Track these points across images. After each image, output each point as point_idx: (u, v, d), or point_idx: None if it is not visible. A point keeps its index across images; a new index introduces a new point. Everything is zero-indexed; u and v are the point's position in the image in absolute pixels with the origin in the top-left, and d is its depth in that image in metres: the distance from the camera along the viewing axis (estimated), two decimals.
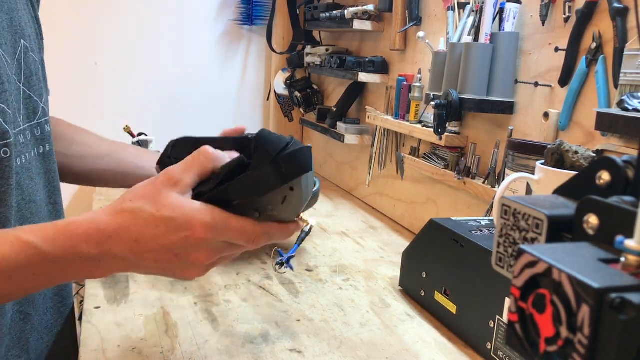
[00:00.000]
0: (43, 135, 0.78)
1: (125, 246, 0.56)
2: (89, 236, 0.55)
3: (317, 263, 1.03)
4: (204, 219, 0.56)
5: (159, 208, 0.56)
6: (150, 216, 0.55)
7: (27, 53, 0.74)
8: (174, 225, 0.55)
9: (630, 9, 0.77)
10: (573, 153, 0.69)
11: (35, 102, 0.76)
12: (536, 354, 0.31)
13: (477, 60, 0.98)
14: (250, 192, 0.57)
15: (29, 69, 0.74)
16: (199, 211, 0.56)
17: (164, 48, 1.89)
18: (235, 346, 0.72)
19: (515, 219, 0.38)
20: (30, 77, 0.75)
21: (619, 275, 0.29)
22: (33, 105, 0.76)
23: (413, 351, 0.73)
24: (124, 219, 0.56)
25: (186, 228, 0.55)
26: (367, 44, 1.54)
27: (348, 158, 1.65)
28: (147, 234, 0.55)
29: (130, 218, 0.56)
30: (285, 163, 0.57)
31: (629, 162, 0.34)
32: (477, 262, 0.73)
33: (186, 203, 0.56)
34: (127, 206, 0.56)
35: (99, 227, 0.55)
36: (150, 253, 0.56)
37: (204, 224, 0.56)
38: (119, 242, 0.55)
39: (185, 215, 0.55)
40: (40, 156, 0.77)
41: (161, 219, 0.55)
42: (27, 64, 0.74)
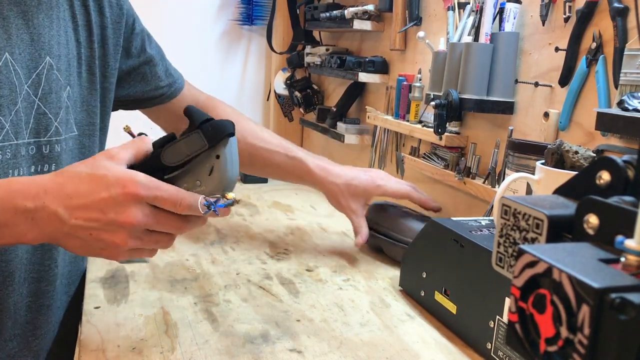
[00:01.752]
0: (52, 154, 0.77)
1: (59, 200, 0.58)
2: (27, 190, 0.58)
3: (317, 263, 1.03)
4: (135, 177, 0.59)
5: (93, 168, 0.60)
6: (85, 175, 0.60)
7: (50, 70, 0.75)
8: (106, 181, 0.59)
9: (630, 9, 0.77)
10: (573, 153, 0.69)
11: (49, 119, 0.75)
12: (536, 354, 0.31)
13: (477, 60, 0.98)
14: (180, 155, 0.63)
15: (49, 86, 0.75)
16: (131, 172, 0.60)
17: (164, 48, 1.89)
18: (235, 346, 0.72)
19: (515, 219, 0.38)
20: (49, 94, 0.75)
21: (619, 275, 0.29)
22: (46, 122, 0.75)
23: (413, 351, 0.73)
24: (61, 178, 0.60)
25: (117, 185, 0.59)
26: (367, 44, 1.54)
27: (348, 158, 1.65)
28: (80, 189, 0.59)
29: (67, 177, 0.60)
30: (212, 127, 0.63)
31: (629, 162, 0.34)
32: (477, 262, 0.73)
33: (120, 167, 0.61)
34: (65, 169, 0.61)
35: (36, 183, 0.59)
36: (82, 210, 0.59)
37: (135, 181, 0.59)
38: (53, 196, 0.58)
39: (118, 173, 0.59)
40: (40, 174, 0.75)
41: (94, 176, 0.59)
42: (49, 81, 0.74)
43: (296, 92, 1.79)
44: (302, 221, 1.31)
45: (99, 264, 0.97)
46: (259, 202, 1.45)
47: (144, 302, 0.82)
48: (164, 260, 0.98)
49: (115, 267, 0.96)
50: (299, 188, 1.64)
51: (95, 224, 0.59)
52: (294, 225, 1.27)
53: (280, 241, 1.15)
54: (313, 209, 1.42)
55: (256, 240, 1.15)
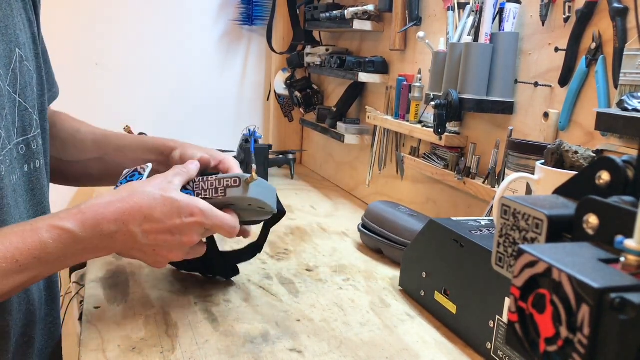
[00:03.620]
0: (38, 148, 0.75)
1: (137, 221, 0.65)
2: (110, 215, 0.64)
3: (317, 263, 1.03)
4: (201, 205, 0.69)
5: (166, 191, 0.67)
6: (160, 196, 0.67)
7: (22, 62, 0.71)
8: (178, 208, 0.67)
9: (630, 9, 0.77)
10: (573, 153, 0.69)
11: (30, 114, 0.73)
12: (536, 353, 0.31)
13: (477, 60, 0.98)
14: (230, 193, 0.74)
15: (24, 80, 0.71)
16: (196, 201, 0.69)
17: (164, 48, 1.89)
18: (235, 346, 0.72)
19: (515, 219, 0.38)
20: (25, 88, 0.72)
21: (619, 275, 0.29)
22: (29, 117, 0.72)
23: (413, 351, 0.74)
24: (138, 198, 0.66)
25: (188, 213, 0.68)
26: (367, 44, 1.54)
27: (348, 158, 1.65)
28: (156, 211, 0.66)
29: (143, 197, 0.66)
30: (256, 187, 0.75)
31: (629, 162, 0.34)
32: (477, 262, 0.73)
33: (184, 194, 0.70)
34: (139, 189, 0.67)
35: (117, 207, 0.64)
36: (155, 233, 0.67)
37: (201, 210, 0.69)
38: (132, 217, 0.65)
39: (187, 201, 0.68)
40: (27, 174, 0.73)
41: (168, 199, 0.67)
42: (22, 74, 0.71)
43: (296, 92, 1.79)
44: (302, 221, 1.31)
45: (98, 264, 0.97)
46: None
47: (144, 302, 0.82)
48: None
49: (115, 267, 0.96)
50: (299, 188, 1.65)
51: (163, 244, 0.68)
52: (294, 225, 1.27)
53: (280, 241, 1.15)
54: (313, 209, 1.42)
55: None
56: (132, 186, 0.68)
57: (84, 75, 1.81)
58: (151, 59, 1.88)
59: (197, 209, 0.69)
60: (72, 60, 1.79)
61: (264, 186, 0.77)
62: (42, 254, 0.60)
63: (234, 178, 0.74)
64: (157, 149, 0.88)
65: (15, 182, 0.69)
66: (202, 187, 0.74)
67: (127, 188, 0.68)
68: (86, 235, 0.62)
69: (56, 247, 0.60)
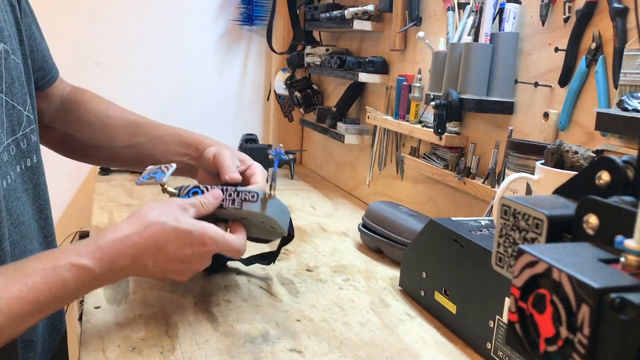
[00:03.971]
0: (29, 147, 0.73)
1: (151, 254, 0.67)
2: (127, 250, 0.65)
3: (317, 263, 1.03)
4: (212, 234, 0.71)
5: (180, 222, 0.69)
6: (174, 228, 0.68)
7: (7, 57, 0.68)
8: (190, 239, 0.69)
9: (630, 9, 0.77)
10: (573, 153, 0.69)
11: (19, 111, 0.70)
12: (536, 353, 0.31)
13: (477, 60, 0.98)
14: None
15: (11, 76, 0.69)
16: (209, 227, 0.71)
17: (164, 47, 1.89)
18: (235, 346, 0.72)
19: (515, 219, 0.38)
20: (12, 84, 0.69)
21: (619, 275, 0.29)
22: (17, 115, 0.70)
23: (413, 351, 0.74)
24: (153, 231, 0.67)
25: (200, 243, 0.70)
26: (367, 44, 1.54)
27: (348, 158, 1.65)
28: (168, 244, 0.68)
29: (158, 229, 0.67)
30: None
31: (629, 162, 0.34)
32: (477, 262, 0.73)
33: (198, 221, 0.71)
34: (154, 219, 0.68)
35: (133, 242, 0.66)
36: (167, 262, 0.69)
37: (212, 240, 0.71)
38: (147, 251, 0.67)
39: (199, 229, 0.70)
40: (27, 171, 0.73)
41: (182, 231, 0.68)
42: (9, 69, 0.68)
43: (296, 92, 1.79)
44: (302, 221, 1.31)
45: None
46: None
47: (144, 302, 0.82)
48: None
49: None
50: (299, 188, 1.65)
51: (173, 270, 0.71)
52: (294, 225, 1.27)
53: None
54: (313, 209, 1.42)
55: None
56: (148, 217, 0.68)
57: (83, 75, 1.81)
58: (151, 58, 1.88)
59: (209, 239, 0.71)
60: (71, 59, 1.78)
61: (279, 206, 0.79)
62: (63, 292, 0.61)
63: (252, 193, 0.76)
64: (192, 145, 0.90)
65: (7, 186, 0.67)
66: None
67: (142, 218, 0.68)
68: (103, 271, 0.64)
69: (76, 284, 0.62)
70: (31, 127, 0.74)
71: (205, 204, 0.74)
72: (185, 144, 0.91)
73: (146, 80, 1.88)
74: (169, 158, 0.90)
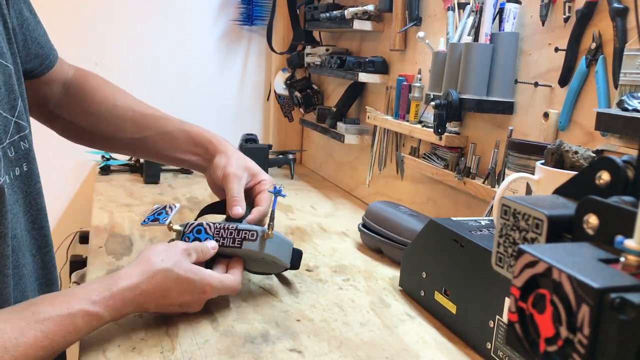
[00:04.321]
0: (17, 155, 0.69)
1: (154, 301, 0.72)
2: (134, 299, 0.69)
3: (317, 263, 1.03)
4: (212, 283, 0.76)
5: (184, 270, 0.73)
6: (178, 277, 0.72)
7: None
8: (192, 287, 0.74)
9: (630, 9, 0.77)
10: (573, 153, 0.69)
11: (4, 119, 0.66)
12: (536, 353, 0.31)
13: (477, 60, 0.98)
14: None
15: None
16: (210, 276, 0.76)
17: (164, 48, 1.89)
18: (235, 346, 0.72)
19: (515, 219, 0.38)
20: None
21: (619, 275, 0.29)
22: (3, 123, 0.66)
23: (413, 351, 0.74)
24: (158, 280, 0.71)
25: (201, 290, 0.75)
26: (367, 44, 1.54)
27: (348, 158, 1.65)
28: (172, 291, 0.73)
29: (163, 278, 0.71)
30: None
31: (629, 162, 0.34)
32: (477, 262, 0.73)
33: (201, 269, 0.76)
34: (160, 266, 0.72)
35: (142, 290, 0.70)
36: (167, 306, 0.74)
37: (212, 287, 0.76)
38: (151, 299, 0.71)
39: (201, 278, 0.75)
40: (15, 180, 0.69)
41: (185, 279, 0.73)
42: None
43: (296, 92, 1.79)
44: (302, 221, 1.31)
45: (98, 264, 0.97)
46: None
47: None
48: None
49: (116, 267, 0.96)
50: (299, 188, 1.65)
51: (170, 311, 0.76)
52: (294, 225, 1.27)
53: None
54: (313, 209, 1.42)
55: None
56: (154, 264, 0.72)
57: None
58: (151, 58, 1.88)
59: (209, 287, 0.76)
60: (71, 59, 1.77)
61: (280, 242, 0.85)
62: (74, 338, 0.64)
63: (251, 231, 0.81)
64: (202, 145, 0.91)
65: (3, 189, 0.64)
66: (222, 234, 0.81)
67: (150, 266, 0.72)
68: (111, 317, 0.68)
69: (86, 329, 0.65)
70: (21, 134, 0.70)
71: (204, 252, 0.79)
72: (195, 143, 0.92)
73: (146, 80, 1.88)
74: (177, 155, 0.92)
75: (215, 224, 0.82)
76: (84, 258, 1.68)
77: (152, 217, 0.85)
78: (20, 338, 0.58)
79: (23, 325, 0.60)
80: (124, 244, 1.08)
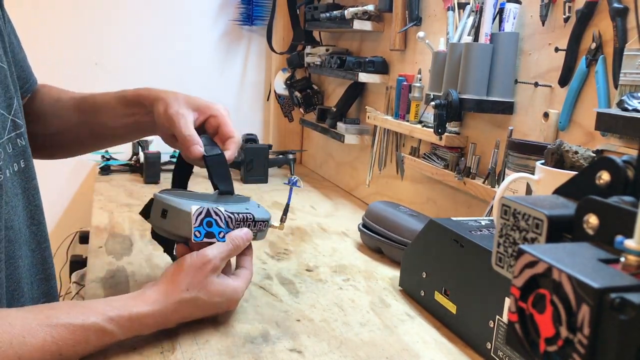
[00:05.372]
0: (15, 151, 0.70)
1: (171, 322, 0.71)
2: (155, 325, 0.69)
3: (317, 263, 1.03)
4: (239, 293, 0.76)
5: (211, 296, 0.72)
6: (204, 303, 0.72)
7: None
8: (220, 306, 0.75)
9: (630, 9, 0.77)
10: (573, 153, 0.69)
11: (2, 116, 0.68)
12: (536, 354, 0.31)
13: (477, 60, 0.98)
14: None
15: None
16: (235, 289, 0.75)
17: (164, 48, 1.89)
18: (235, 346, 0.72)
19: (515, 219, 0.38)
20: None
21: (619, 275, 0.29)
22: (1, 120, 0.67)
23: (413, 351, 0.74)
24: (185, 309, 0.71)
25: (226, 307, 0.76)
26: (367, 44, 1.54)
27: (348, 158, 1.65)
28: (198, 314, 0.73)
29: (190, 307, 0.71)
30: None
31: (629, 162, 0.34)
32: (477, 262, 0.73)
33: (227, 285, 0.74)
34: (186, 296, 0.70)
35: (163, 315, 0.69)
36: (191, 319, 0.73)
37: (238, 297, 0.77)
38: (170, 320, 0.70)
39: (229, 297, 0.75)
40: (14, 175, 0.70)
41: (212, 304, 0.73)
42: None
43: (296, 92, 1.79)
44: (302, 221, 1.31)
45: (98, 264, 0.97)
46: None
47: None
48: (164, 260, 0.98)
49: (116, 267, 0.96)
50: (299, 188, 1.64)
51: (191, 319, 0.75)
52: (294, 225, 1.27)
53: (280, 241, 1.15)
54: (313, 209, 1.42)
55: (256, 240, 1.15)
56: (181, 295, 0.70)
57: (83, 75, 1.81)
58: (151, 59, 1.88)
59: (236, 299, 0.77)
60: (71, 60, 1.79)
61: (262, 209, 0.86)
62: (83, 349, 0.63)
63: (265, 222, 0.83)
64: (135, 102, 0.83)
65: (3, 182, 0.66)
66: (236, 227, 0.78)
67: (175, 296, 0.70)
68: (125, 337, 0.67)
69: (96, 344, 0.64)
70: (18, 131, 0.71)
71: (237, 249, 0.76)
72: (129, 103, 0.84)
73: (146, 81, 1.87)
74: (118, 122, 0.85)
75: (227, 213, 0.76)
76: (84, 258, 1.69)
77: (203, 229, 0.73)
78: (28, 338, 0.58)
79: (34, 325, 0.59)
80: (124, 244, 1.08)
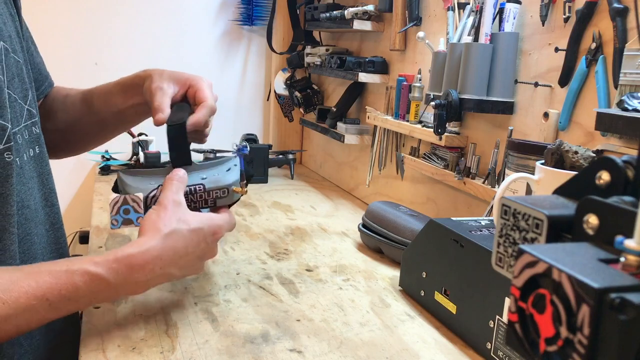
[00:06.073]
0: (31, 137, 0.76)
1: (171, 263, 0.70)
2: (146, 264, 0.67)
3: (317, 263, 1.03)
4: (218, 222, 0.75)
5: (188, 223, 0.71)
6: (187, 231, 0.71)
7: (7, 55, 0.71)
8: (204, 233, 0.73)
9: (630, 9, 0.77)
10: (573, 153, 0.69)
11: (19, 105, 0.73)
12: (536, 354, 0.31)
13: (477, 60, 0.98)
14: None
15: (11, 72, 0.72)
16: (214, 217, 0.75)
17: (164, 48, 1.89)
18: (235, 346, 0.72)
19: (515, 219, 0.38)
20: (12, 79, 0.72)
21: (619, 275, 0.29)
22: (19, 108, 0.73)
23: (413, 351, 0.74)
24: (169, 240, 0.69)
25: (211, 233, 0.74)
26: (367, 44, 1.54)
27: (348, 158, 1.65)
28: (189, 247, 0.71)
29: (174, 238, 0.70)
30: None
31: (629, 162, 0.34)
32: (477, 262, 0.73)
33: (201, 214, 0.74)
34: (167, 230, 0.69)
35: (153, 255, 0.67)
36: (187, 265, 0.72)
37: (220, 226, 0.75)
38: (168, 261, 0.69)
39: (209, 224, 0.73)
40: (31, 159, 0.76)
41: (194, 230, 0.71)
42: (9, 66, 0.71)
43: (296, 92, 1.79)
44: (302, 221, 1.31)
45: None
46: (259, 202, 1.45)
47: (144, 302, 0.82)
48: None
49: None
50: (299, 188, 1.64)
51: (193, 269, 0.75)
52: (294, 225, 1.27)
53: (280, 241, 1.15)
54: (313, 209, 1.42)
55: (256, 240, 1.15)
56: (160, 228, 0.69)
57: (83, 75, 1.80)
58: (151, 59, 1.88)
59: (218, 227, 0.75)
60: (71, 59, 1.79)
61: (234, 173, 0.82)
62: (74, 295, 0.62)
63: (222, 189, 0.79)
64: (132, 85, 0.87)
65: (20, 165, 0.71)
66: (191, 198, 0.78)
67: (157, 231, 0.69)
68: (118, 282, 0.65)
69: (88, 290, 0.63)
70: (32, 120, 0.77)
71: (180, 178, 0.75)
72: (126, 89, 0.88)
73: None
74: (120, 105, 0.89)
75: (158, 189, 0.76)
76: None
77: (120, 217, 0.76)
78: (13, 285, 0.58)
79: (19, 275, 0.60)
80: (124, 244, 1.08)
